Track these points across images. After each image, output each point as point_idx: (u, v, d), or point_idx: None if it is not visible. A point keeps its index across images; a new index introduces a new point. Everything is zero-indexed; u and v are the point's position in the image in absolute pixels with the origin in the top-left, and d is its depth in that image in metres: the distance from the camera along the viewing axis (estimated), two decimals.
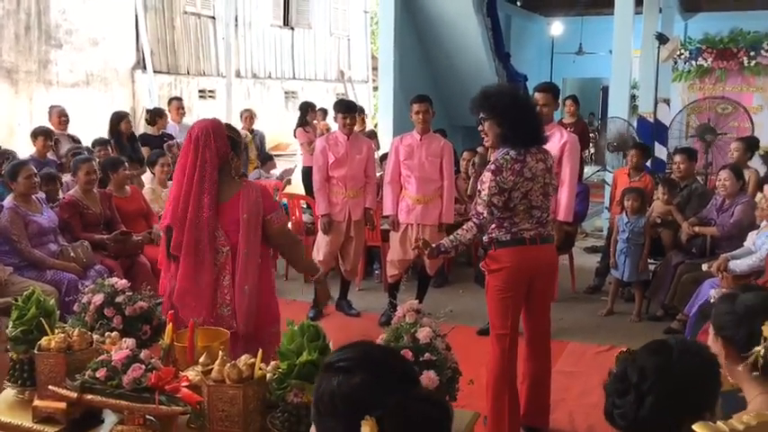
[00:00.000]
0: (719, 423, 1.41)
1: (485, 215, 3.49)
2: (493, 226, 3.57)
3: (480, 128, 3.70)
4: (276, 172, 9.55)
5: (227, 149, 3.09)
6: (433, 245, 3.67)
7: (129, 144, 7.47)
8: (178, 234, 3.07)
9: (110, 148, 6.91)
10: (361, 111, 9.24)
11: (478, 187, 3.59)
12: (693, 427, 1.42)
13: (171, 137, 8.02)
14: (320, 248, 5.76)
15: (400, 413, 1.28)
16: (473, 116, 3.82)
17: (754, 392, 1.81)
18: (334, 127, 6.07)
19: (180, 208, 3.06)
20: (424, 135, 5.52)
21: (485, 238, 3.64)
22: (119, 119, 7.67)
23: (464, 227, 3.60)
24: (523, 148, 3.51)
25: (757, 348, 1.73)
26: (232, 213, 3.09)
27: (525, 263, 3.56)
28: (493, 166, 3.50)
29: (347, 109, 5.74)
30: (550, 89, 5.08)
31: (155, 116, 8.23)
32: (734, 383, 1.86)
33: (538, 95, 5.04)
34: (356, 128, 6.05)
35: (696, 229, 5.59)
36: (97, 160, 5.92)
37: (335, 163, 5.63)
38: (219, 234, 3.09)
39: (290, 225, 7.08)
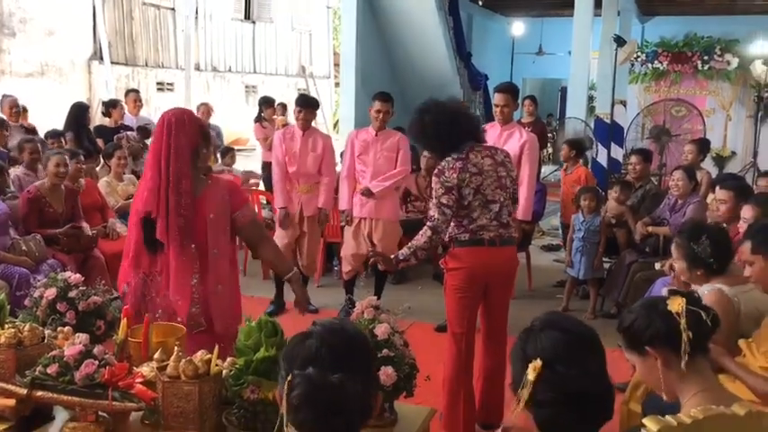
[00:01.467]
0: (668, 417, 1.44)
1: (435, 216, 3.52)
2: (453, 224, 3.59)
3: None
4: (238, 167, 9.46)
5: (199, 137, 3.02)
6: (392, 256, 3.67)
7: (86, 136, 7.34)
8: (162, 223, 2.94)
9: (63, 140, 6.75)
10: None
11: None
12: (644, 420, 1.45)
13: (129, 128, 7.88)
14: (278, 240, 5.77)
15: (304, 383, 1.39)
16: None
17: (690, 392, 1.83)
18: (294, 122, 6.02)
19: (161, 195, 2.94)
20: (380, 131, 5.50)
21: (446, 237, 3.65)
22: (83, 110, 7.50)
23: (420, 232, 3.61)
24: (464, 148, 3.55)
25: (683, 326, 1.78)
26: (200, 211, 2.99)
27: (483, 264, 3.58)
28: (436, 170, 3.58)
29: (302, 103, 5.68)
30: (509, 90, 5.15)
31: (109, 107, 8.08)
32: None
33: (497, 96, 5.11)
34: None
35: (650, 228, 5.70)
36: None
37: (288, 158, 5.60)
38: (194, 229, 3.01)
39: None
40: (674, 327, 1.83)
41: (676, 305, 1.81)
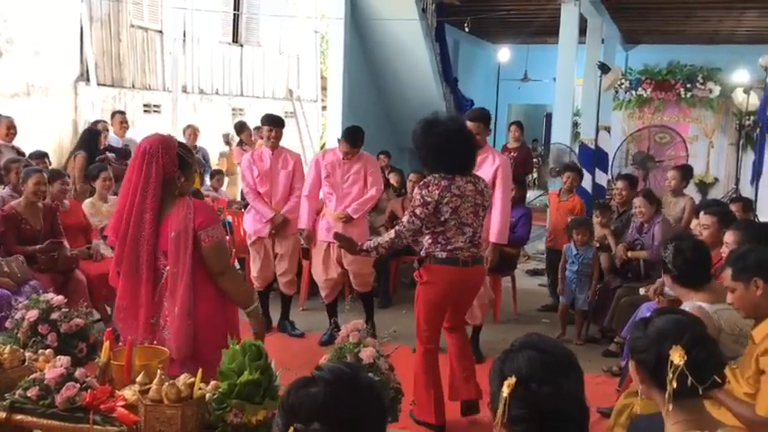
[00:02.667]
0: None
1: (404, 223, 3.77)
2: (429, 241, 3.81)
3: None
4: (225, 189, 9.44)
5: (175, 167, 2.96)
6: (360, 243, 3.94)
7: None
8: (119, 250, 2.98)
9: (47, 161, 6.71)
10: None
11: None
12: None
13: (115, 150, 7.86)
14: (253, 265, 5.78)
15: None
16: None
17: (671, 421, 1.87)
18: None
19: (123, 223, 2.96)
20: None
21: (422, 252, 3.87)
22: (95, 135, 7.54)
23: (388, 232, 3.87)
24: (450, 173, 3.79)
25: (669, 378, 1.77)
26: (163, 232, 2.96)
27: (456, 282, 3.86)
28: (422, 183, 3.82)
29: (272, 122, 5.67)
30: (480, 118, 5.14)
31: None
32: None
33: (469, 125, 5.11)
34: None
35: (629, 254, 5.75)
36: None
37: (260, 178, 5.60)
38: (159, 254, 2.96)
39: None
40: (662, 370, 1.84)
41: (677, 356, 1.80)
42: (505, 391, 1.50)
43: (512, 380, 1.51)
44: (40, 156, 6.74)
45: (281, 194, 5.62)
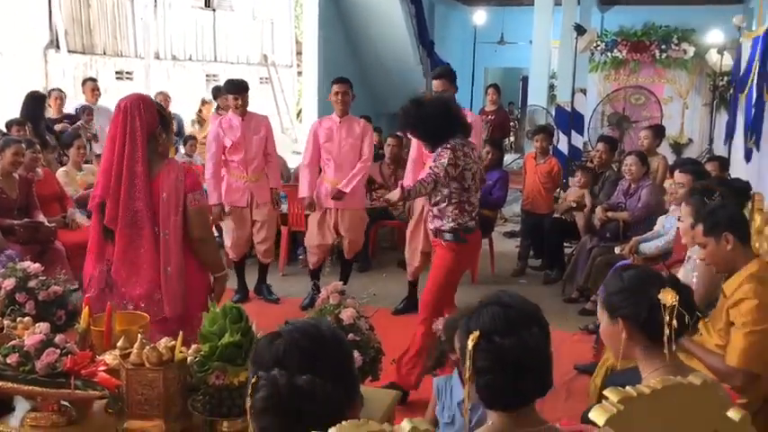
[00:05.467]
0: (628, 387, 1.49)
1: (439, 174, 3.75)
2: (456, 212, 3.84)
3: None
4: (198, 158, 9.35)
5: (156, 122, 3.04)
6: (406, 186, 3.86)
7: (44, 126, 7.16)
8: (112, 207, 3.00)
9: (26, 130, 6.57)
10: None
11: (431, 163, 3.85)
12: (605, 392, 1.49)
13: (72, 117, 7.73)
14: (228, 235, 5.67)
15: (268, 386, 1.32)
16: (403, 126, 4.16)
17: (649, 369, 1.94)
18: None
19: (113, 180, 2.99)
20: (344, 117, 5.43)
21: (448, 226, 3.85)
22: (38, 100, 7.32)
23: (424, 179, 3.80)
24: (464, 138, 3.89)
25: (667, 320, 1.83)
26: (155, 193, 3.03)
27: (475, 246, 4.12)
28: (449, 145, 3.80)
29: (236, 89, 5.48)
30: (445, 74, 5.14)
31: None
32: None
33: (435, 83, 5.13)
34: None
35: (609, 214, 5.80)
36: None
37: (232, 147, 5.43)
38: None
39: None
40: (656, 318, 1.89)
41: (669, 298, 1.86)
42: (470, 345, 1.55)
43: (476, 333, 1.56)
44: (20, 123, 6.59)
45: (256, 162, 5.49)
